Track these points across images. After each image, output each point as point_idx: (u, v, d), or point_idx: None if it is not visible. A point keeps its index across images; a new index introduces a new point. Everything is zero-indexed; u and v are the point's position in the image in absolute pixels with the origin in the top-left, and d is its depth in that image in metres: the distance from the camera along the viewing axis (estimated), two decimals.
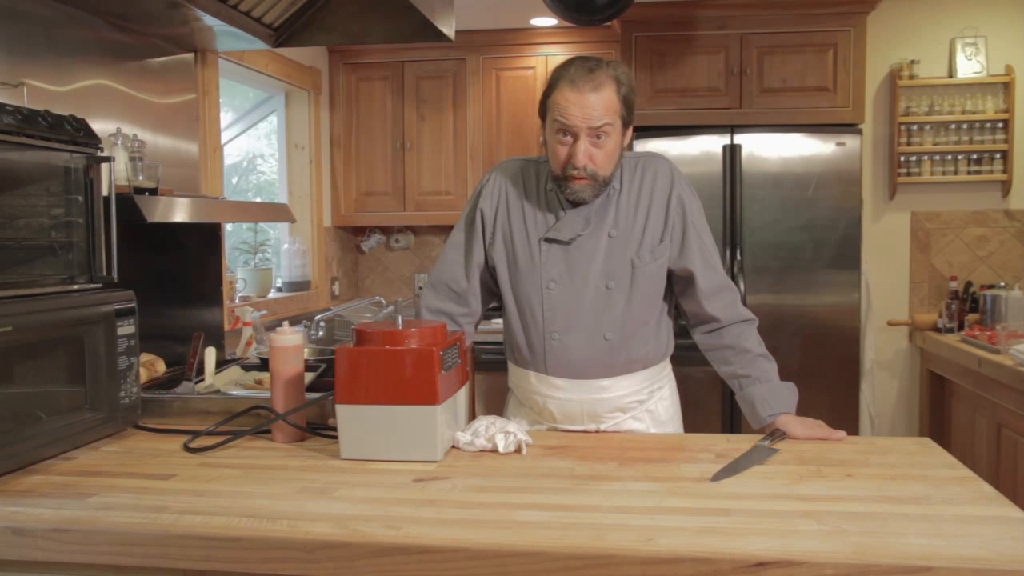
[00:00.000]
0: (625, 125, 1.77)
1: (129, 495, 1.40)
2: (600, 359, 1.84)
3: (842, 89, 3.79)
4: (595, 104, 1.69)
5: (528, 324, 1.88)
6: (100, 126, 2.26)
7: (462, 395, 1.73)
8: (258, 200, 4.36)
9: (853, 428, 3.79)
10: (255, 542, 1.22)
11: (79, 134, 1.75)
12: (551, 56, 4.21)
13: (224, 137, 3.55)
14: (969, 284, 4.04)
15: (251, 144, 4.45)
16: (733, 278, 3.68)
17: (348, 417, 1.58)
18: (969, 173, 4.07)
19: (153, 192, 2.22)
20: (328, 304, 4.30)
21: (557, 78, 1.74)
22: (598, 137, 1.72)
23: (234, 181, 4.40)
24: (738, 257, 3.75)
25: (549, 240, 1.84)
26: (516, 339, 1.91)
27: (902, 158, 4.09)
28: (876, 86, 4.16)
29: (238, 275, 3.61)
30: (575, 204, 1.83)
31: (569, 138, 1.73)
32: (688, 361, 2.26)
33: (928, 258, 4.20)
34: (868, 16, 3.80)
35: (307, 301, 4.08)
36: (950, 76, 4.08)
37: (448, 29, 2.67)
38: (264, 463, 1.59)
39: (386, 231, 4.73)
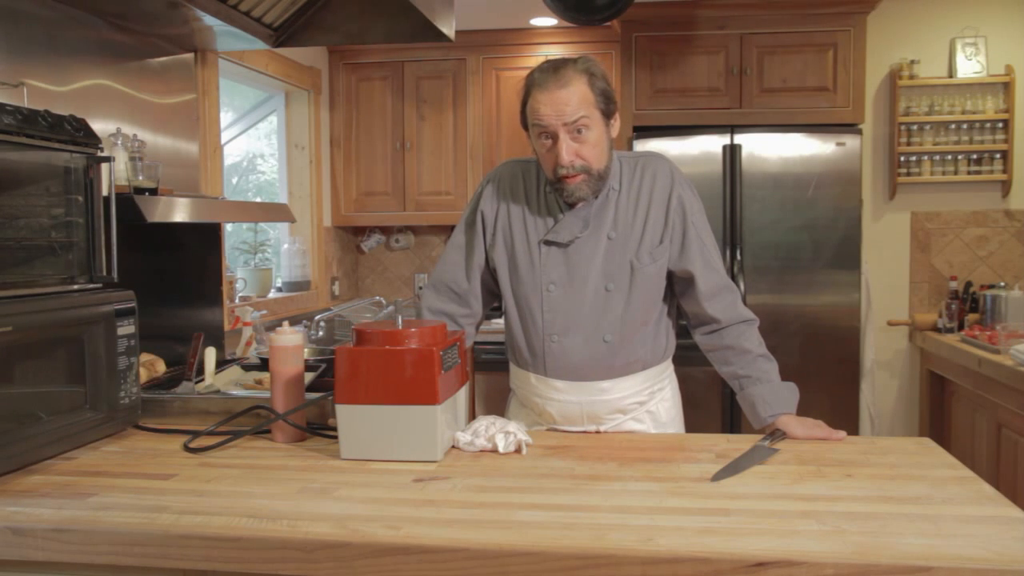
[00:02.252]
0: (607, 116, 1.76)
1: (129, 495, 1.40)
2: (599, 361, 1.84)
3: (842, 89, 3.79)
4: (566, 99, 1.69)
5: (528, 326, 1.88)
6: (100, 126, 2.26)
7: (462, 395, 1.73)
8: (258, 200, 4.36)
9: (853, 428, 3.79)
10: (255, 542, 1.22)
11: (79, 134, 1.75)
12: (551, 56, 4.20)
13: (224, 137, 3.55)
14: (969, 284, 4.04)
15: (251, 144, 4.45)
16: (733, 278, 3.68)
17: (348, 417, 1.58)
18: (969, 173, 4.07)
19: (153, 192, 2.22)
20: (328, 304, 4.30)
21: (528, 85, 1.75)
22: (579, 132, 1.71)
23: (234, 181, 4.40)
24: (738, 257, 3.75)
25: (548, 243, 1.84)
26: (516, 341, 1.91)
27: (902, 158, 4.10)
28: (876, 86, 4.16)
29: (238, 275, 3.61)
30: (574, 205, 1.82)
31: (550, 140, 1.73)
32: (688, 361, 2.26)
33: (928, 258, 4.20)
34: (868, 16, 3.80)
35: (307, 301, 4.08)
36: (950, 76, 4.08)
37: (448, 29, 2.67)
38: (264, 463, 1.59)
39: (386, 231, 4.73)
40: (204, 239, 2.56)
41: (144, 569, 1.26)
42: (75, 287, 1.75)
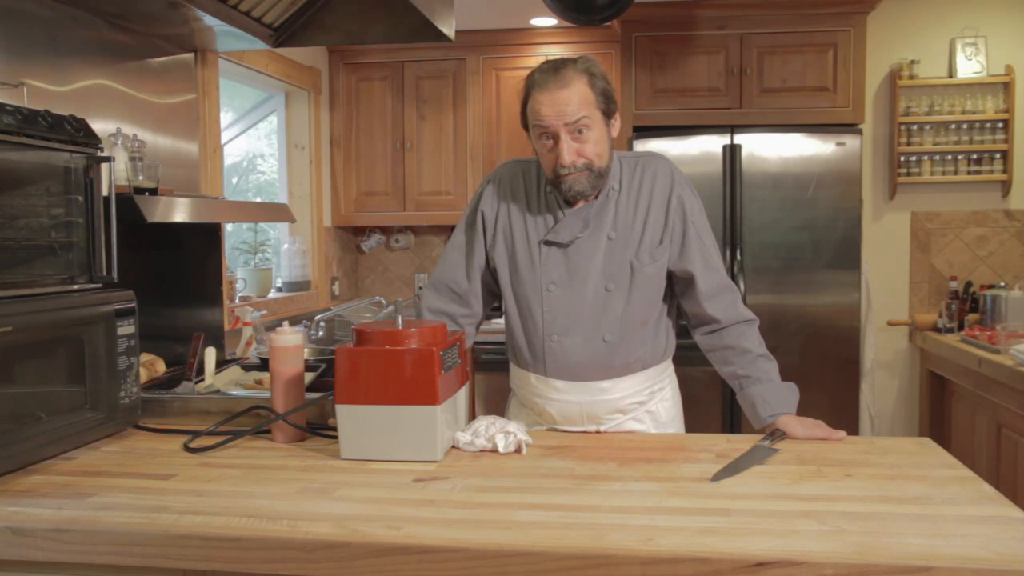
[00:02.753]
0: (607, 116, 1.76)
1: (129, 495, 1.40)
2: (599, 361, 1.84)
3: (842, 89, 3.79)
4: (567, 100, 1.69)
5: (528, 326, 1.88)
6: (100, 126, 2.26)
7: (462, 395, 1.73)
8: (258, 200, 4.36)
9: (853, 428, 3.79)
10: (255, 542, 1.22)
11: (79, 134, 1.75)
12: (551, 56, 4.20)
13: (224, 137, 3.55)
14: (969, 284, 4.04)
15: (251, 144, 4.45)
16: (733, 278, 3.68)
17: (348, 417, 1.58)
18: (969, 173, 4.07)
19: (153, 192, 2.22)
20: (328, 304, 4.30)
21: (528, 86, 1.75)
22: (580, 132, 1.71)
23: (234, 181, 4.40)
24: (738, 257, 3.74)
25: (548, 243, 1.84)
26: (516, 340, 1.91)
27: (902, 158, 4.10)
28: (876, 86, 4.16)
29: (238, 275, 3.61)
30: (574, 203, 1.82)
31: (551, 140, 1.73)
32: (688, 361, 2.26)
33: (928, 258, 4.20)
34: (868, 16, 3.80)
35: (307, 301, 4.08)
36: (950, 76, 4.08)
37: (448, 29, 2.67)
38: (264, 463, 1.59)
39: (386, 231, 4.73)
40: (204, 239, 2.56)
41: (144, 569, 1.26)
42: (75, 287, 1.75)
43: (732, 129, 3.77)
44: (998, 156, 4.04)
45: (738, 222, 3.75)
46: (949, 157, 4.07)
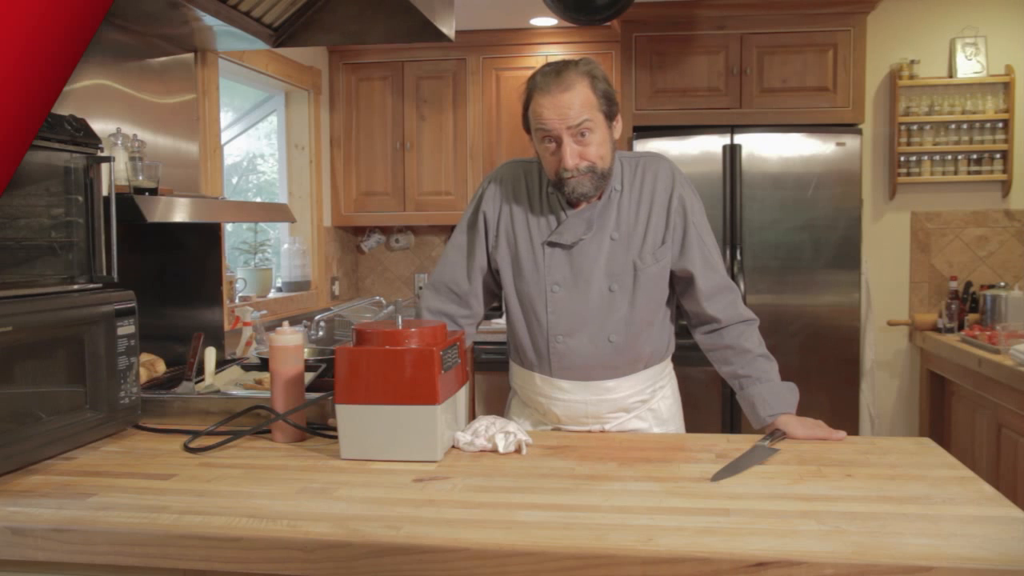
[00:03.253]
0: (609, 118, 1.76)
1: (129, 495, 1.40)
2: (605, 361, 1.84)
3: (842, 89, 3.79)
4: (569, 103, 1.68)
5: (532, 327, 1.88)
6: (100, 126, 2.26)
7: (462, 395, 1.73)
8: (258, 200, 4.36)
9: (853, 428, 3.79)
10: (255, 542, 1.22)
11: (79, 134, 1.75)
12: (551, 56, 4.21)
13: (224, 137, 3.55)
14: (969, 284, 4.04)
15: (251, 144, 4.45)
16: (733, 278, 3.67)
17: (348, 417, 1.58)
18: (969, 173, 4.07)
19: (153, 192, 2.22)
20: (328, 304, 4.30)
21: (530, 88, 1.75)
22: (582, 135, 1.71)
23: (234, 181, 4.40)
24: (738, 257, 3.75)
25: (552, 244, 1.84)
26: (521, 341, 1.91)
27: (902, 158, 4.10)
28: (876, 86, 4.16)
29: (238, 275, 3.61)
30: (576, 204, 1.82)
31: (553, 144, 1.73)
32: (688, 361, 2.26)
33: (928, 258, 4.20)
34: (868, 16, 3.80)
35: (307, 301, 4.08)
36: (950, 76, 4.08)
37: (448, 29, 2.67)
38: (264, 463, 1.59)
39: (386, 231, 4.73)
40: (204, 239, 2.56)
41: (144, 569, 1.26)
42: (75, 287, 1.75)
43: (732, 129, 3.77)
44: (998, 156, 4.04)
45: (738, 222, 3.75)
46: (949, 157, 4.07)
